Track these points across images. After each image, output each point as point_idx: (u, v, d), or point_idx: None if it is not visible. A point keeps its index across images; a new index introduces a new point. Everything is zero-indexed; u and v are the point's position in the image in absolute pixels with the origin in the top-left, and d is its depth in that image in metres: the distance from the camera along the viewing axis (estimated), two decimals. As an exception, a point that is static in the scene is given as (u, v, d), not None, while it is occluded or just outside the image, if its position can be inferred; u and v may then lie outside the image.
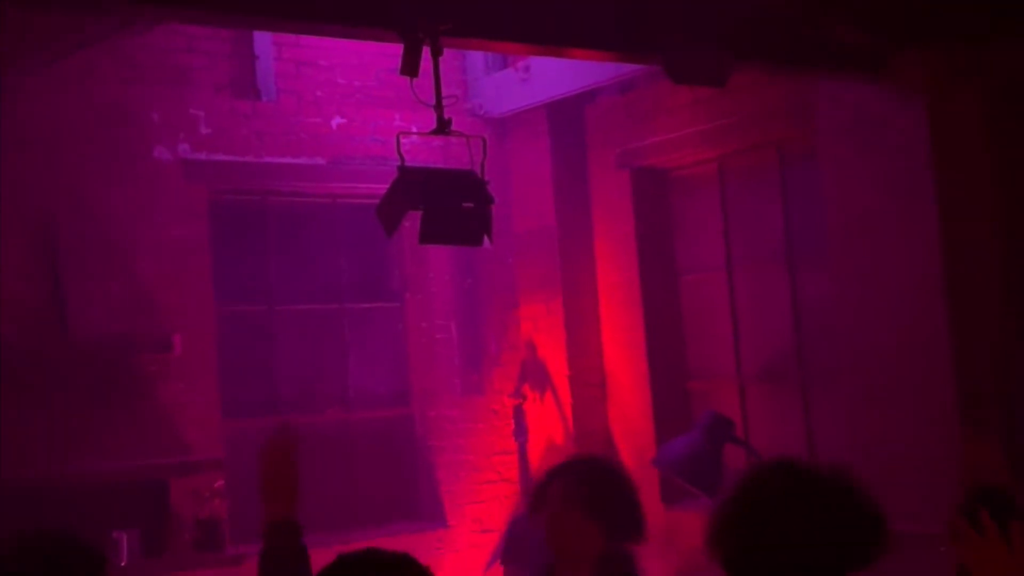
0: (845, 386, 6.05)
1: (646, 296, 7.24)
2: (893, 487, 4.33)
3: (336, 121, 7.00)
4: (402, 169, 4.05)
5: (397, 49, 6.25)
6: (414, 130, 7.31)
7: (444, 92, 7.56)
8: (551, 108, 7.40)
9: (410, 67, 4.02)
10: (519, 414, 7.41)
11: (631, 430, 7.29)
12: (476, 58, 7.53)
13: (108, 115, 6.23)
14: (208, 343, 6.46)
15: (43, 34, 5.09)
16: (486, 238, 4.05)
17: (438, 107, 4.04)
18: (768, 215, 6.78)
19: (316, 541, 6.35)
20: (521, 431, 7.37)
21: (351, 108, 7.12)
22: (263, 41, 6.74)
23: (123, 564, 5.65)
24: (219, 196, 6.68)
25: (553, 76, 7.12)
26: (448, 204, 3.97)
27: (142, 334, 6.11)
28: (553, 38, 4.29)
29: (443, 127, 4.02)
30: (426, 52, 3.93)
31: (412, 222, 4.24)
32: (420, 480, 7.35)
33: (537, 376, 7.52)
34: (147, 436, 6.09)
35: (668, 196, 7.34)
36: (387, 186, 4.10)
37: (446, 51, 4.10)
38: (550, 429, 7.45)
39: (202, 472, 6.16)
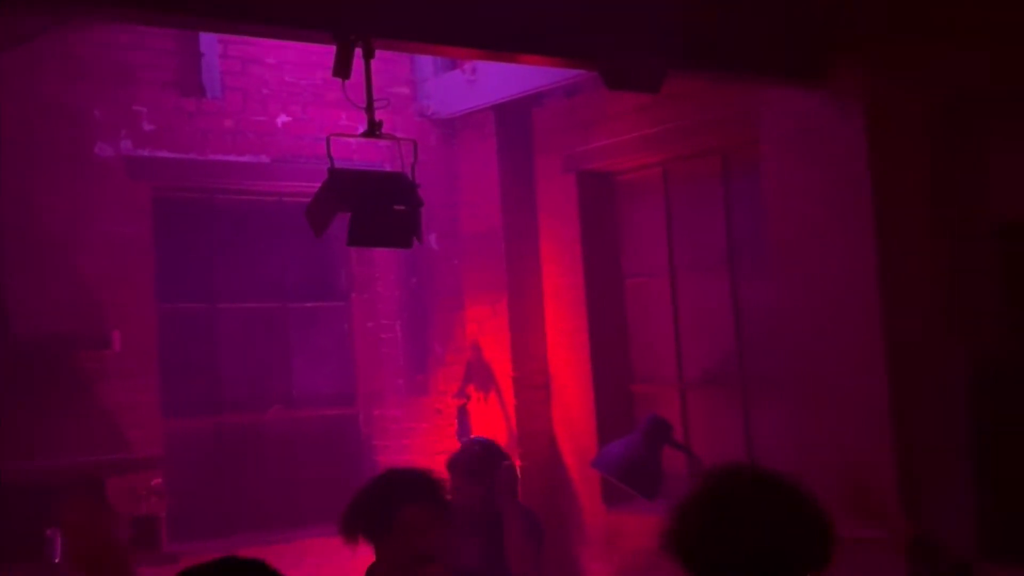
0: (783, 392, 6.10)
1: (590, 299, 7.28)
2: (826, 492, 4.39)
3: (282, 119, 6.99)
4: (332, 171, 4.07)
5: (404, 51, 6.31)
6: (360, 129, 7.35)
7: (393, 93, 7.67)
8: (499, 110, 7.42)
9: (342, 69, 4.03)
10: (463, 414, 7.43)
11: (574, 432, 7.33)
12: (425, 59, 7.55)
13: (50, 112, 6.21)
14: (149, 341, 6.45)
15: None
16: (415, 240, 4.06)
17: (369, 110, 4.05)
18: (711, 222, 6.82)
19: (258, 540, 6.38)
20: (464, 431, 7.40)
21: (297, 106, 7.12)
22: (209, 38, 6.73)
23: (56, 561, 5.62)
24: (163, 194, 6.66)
25: (500, 79, 7.14)
26: (377, 206, 3.99)
27: (82, 332, 6.09)
28: (488, 42, 4.30)
29: (373, 130, 4.03)
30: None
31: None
32: (364, 479, 7.34)
33: (482, 377, 7.54)
34: (85, 434, 6.07)
35: (613, 200, 7.38)
36: (331, 186, 4.12)
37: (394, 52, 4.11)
38: (494, 430, 7.47)
39: (140, 470, 6.14)
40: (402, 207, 4.10)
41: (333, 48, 6.43)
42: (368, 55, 4.08)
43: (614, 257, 7.37)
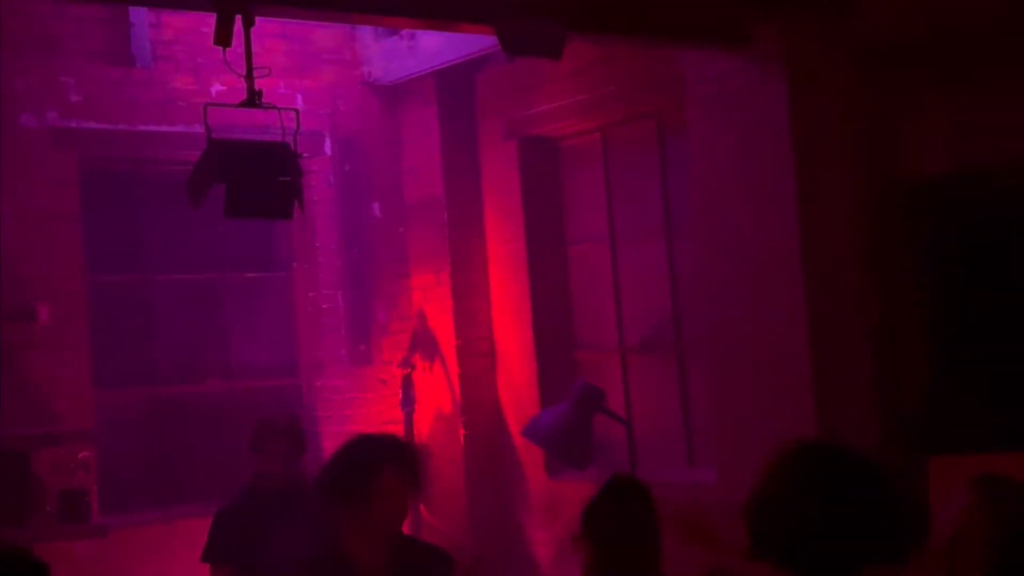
0: (710, 359, 6.05)
1: (532, 266, 7.22)
2: (746, 456, 4.33)
3: (216, 89, 6.91)
4: (211, 141, 4.01)
5: (285, 17, 6.22)
6: (299, 99, 7.28)
7: (336, 58, 7.58)
8: (440, 76, 7.33)
9: (223, 37, 3.97)
10: (407, 384, 7.38)
11: (518, 399, 7.28)
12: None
13: (-29, 83, 6.14)
14: (79, 313, 6.41)
15: None
16: (298, 209, 4.01)
17: (248, 78, 3.99)
18: (648, 186, 6.75)
19: (197, 512, 6.27)
20: (408, 400, 7.35)
21: (233, 76, 7.01)
22: (139, 8, 6.64)
23: (-19, 534, 5.61)
24: (91, 164, 6.60)
25: (439, 44, 7.05)
26: (256, 177, 3.93)
27: (5, 303, 6.05)
28: (373, 6, 4.22)
29: (253, 99, 3.97)
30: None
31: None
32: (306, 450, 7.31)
33: (427, 346, 7.49)
34: (9, 406, 6.03)
35: (555, 166, 7.31)
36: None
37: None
38: (439, 399, 7.44)
39: (68, 443, 6.11)
40: (286, 177, 4.03)
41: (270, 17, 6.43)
42: (248, 23, 4.01)
43: (557, 224, 7.30)
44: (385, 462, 3.68)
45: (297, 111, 4.17)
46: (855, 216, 5.42)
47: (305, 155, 4.45)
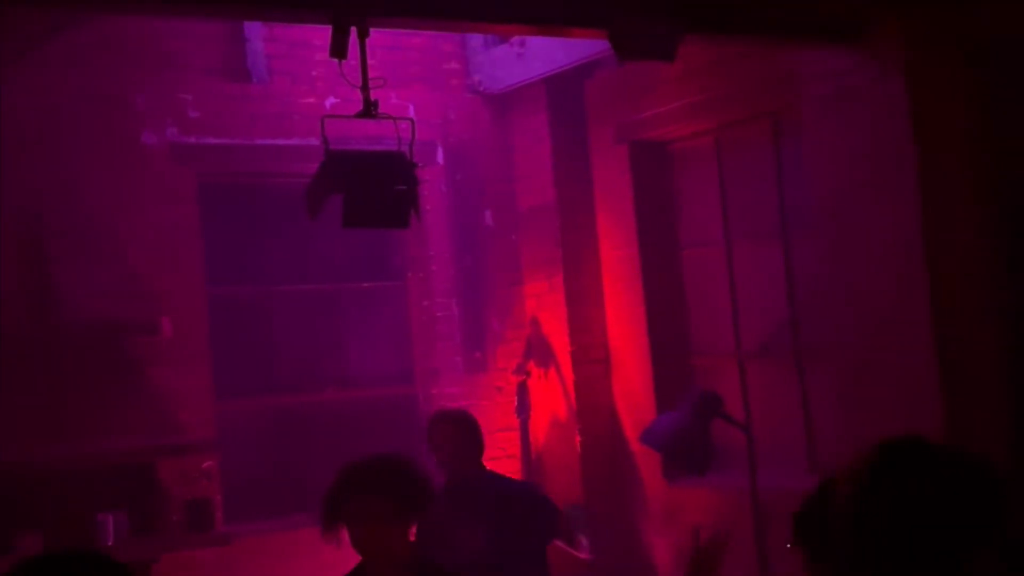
0: (833, 361, 5.94)
1: (646, 271, 7.16)
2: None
3: (329, 101, 6.99)
4: (328, 152, 4.04)
5: (399, 28, 6.27)
6: (411, 109, 7.33)
7: (446, 68, 7.63)
8: (550, 83, 7.33)
9: (338, 49, 4.00)
10: (522, 391, 7.38)
11: (634, 405, 7.23)
12: (475, 34, 7.47)
13: (95, 101, 6.30)
14: (200, 325, 6.52)
15: (9, 24, 5.15)
16: (414, 218, 4.02)
17: (364, 89, 4.02)
18: (763, 187, 6.66)
19: (312, 521, 6.34)
20: (523, 408, 7.35)
21: (347, 88, 7.08)
22: (253, 23, 6.75)
23: (110, 544, 5.74)
24: (209, 179, 6.72)
25: (548, 51, 7.05)
26: (373, 187, 3.95)
27: (130, 318, 6.18)
28: (488, 15, 4.22)
29: (369, 110, 3.99)
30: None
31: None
32: (423, 458, 7.36)
33: (541, 352, 7.49)
34: (136, 418, 6.17)
35: (667, 170, 7.25)
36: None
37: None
38: (554, 405, 7.42)
39: (192, 453, 6.22)
40: (402, 187, 4.05)
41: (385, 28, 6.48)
42: (363, 34, 4.04)
43: (670, 227, 7.24)
44: (352, 489, 3.55)
45: (412, 120, 4.19)
46: (979, 212, 5.28)
47: (419, 164, 4.47)
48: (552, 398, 7.43)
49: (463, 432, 5.39)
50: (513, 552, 5.27)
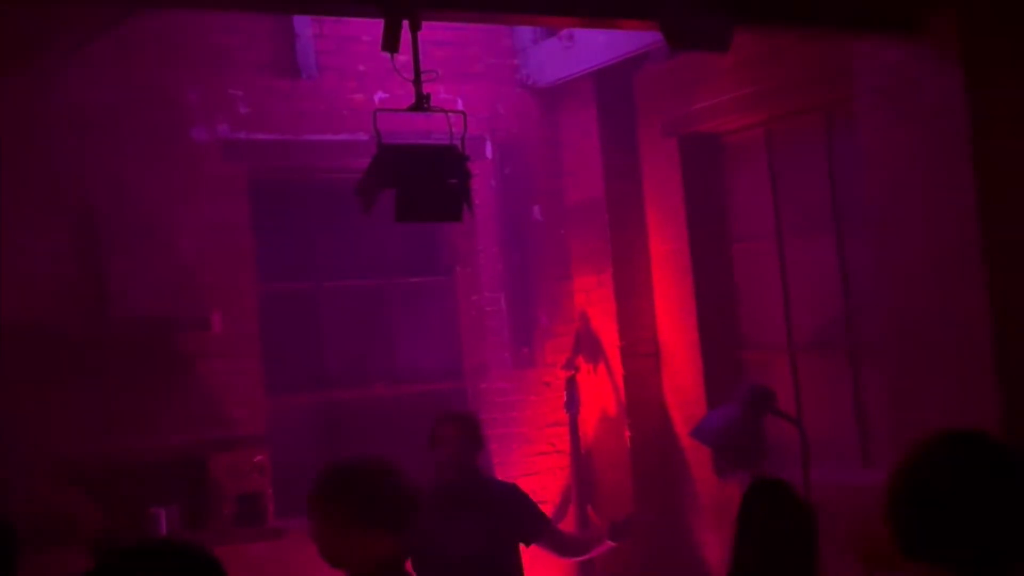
0: (887, 356, 5.87)
1: (696, 265, 7.12)
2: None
3: (379, 96, 6.99)
4: (381, 146, 4.03)
5: (440, 23, 6.27)
6: (460, 103, 7.31)
7: (496, 63, 7.60)
8: (598, 76, 7.29)
9: (390, 42, 3.99)
10: (571, 386, 7.36)
11: (684, 400, 7.19)
12: (524, 28, 7.45)
13: (146, 97, 6.32)
14: (250, 321, 6.54)
15: (66, 18, 5.19)
16: (467, 211, 4.00)
17: (417, 82, 4.00)
18: (815, 180, 6.60)
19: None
20: (573, 403, 7.32)
21: (395, 83, 7.07)
22: (303, 19, 6.76)
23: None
24: (259, 175, 6.73)
25: (597, 44, 7.00)
26: (425, 181, 3.94)
27: (182, 314, 6.20)
28: (538, 7, 4.19)
29: (421, 103, 3.98)
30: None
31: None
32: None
33: (590, 347, 7.46)
34: (187, 413, 6.19)
35: (717, 163, 7.19)
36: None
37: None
38: (603, 400, 7.39)
39: (243, 448, 6.25)
40: (454, 180, 4.04)
41: (429, 23, 6.47)
42: (415, 28, 4.03)
43: (720, 221, 7.19)
44: (312, 500, 3.37)
45: (464, 114, 4.18)
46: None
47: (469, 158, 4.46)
48: (601, 393, 7.40)
49: (465, 434, 5.44)
50: (501, 553, 5.38)
